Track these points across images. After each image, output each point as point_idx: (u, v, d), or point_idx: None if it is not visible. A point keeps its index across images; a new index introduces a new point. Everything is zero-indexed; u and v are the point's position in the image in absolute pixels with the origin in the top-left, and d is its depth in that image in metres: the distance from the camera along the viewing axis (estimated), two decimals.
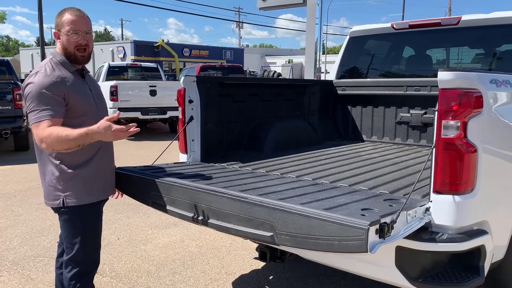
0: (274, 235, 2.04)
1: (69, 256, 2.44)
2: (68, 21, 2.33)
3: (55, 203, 2.39)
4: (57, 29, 2.37)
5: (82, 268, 2.45)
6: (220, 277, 3.67)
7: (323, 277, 3.63)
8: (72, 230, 2.42)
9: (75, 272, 2.44)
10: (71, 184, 2.37)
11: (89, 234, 2.46)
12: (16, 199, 5.97)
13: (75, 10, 2.37)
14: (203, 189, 2.36)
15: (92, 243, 2.49)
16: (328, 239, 1.86)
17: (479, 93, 2.15)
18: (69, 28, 2.33)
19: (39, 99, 2.24)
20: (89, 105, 2.42)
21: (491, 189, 2.29)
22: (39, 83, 2.25)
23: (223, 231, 2.33)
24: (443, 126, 2.13)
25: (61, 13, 2.36)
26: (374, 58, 4.89)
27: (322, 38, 30.20)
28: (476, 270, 2.21)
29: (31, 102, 2.25)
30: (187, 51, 42.08)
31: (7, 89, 8.70)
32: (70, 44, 2.35)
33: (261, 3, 12.53)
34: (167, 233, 4.68)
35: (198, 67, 15.61)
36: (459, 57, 4.79)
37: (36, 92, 2.24)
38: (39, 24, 14.39)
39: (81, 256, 2.44)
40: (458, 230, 2.17)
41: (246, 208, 2.15)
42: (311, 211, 1.94)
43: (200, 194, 2.35)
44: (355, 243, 1.78)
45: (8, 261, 3.96)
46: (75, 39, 2.34)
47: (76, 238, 2.41)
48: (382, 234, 1.85)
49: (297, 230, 1.96)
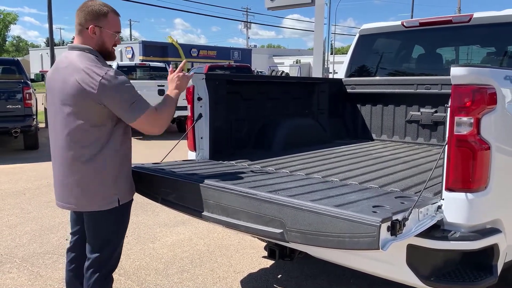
0: (284, 232, 2.02)
1: (98, 255, 2.37)
2: (114, 21, 2.34)
3: (110, 205, 2.32)
4: (96, 24, 2.27)
5: (107, 269, 2.41)
6: (228, 275, 3.66)
7: (332, 276, 3.60)
8: (110, 230, 2.38)
9: (100, 275, 2.37)
10: (120, 182, 2.34)
11: (122, 232, 2.47)
12: (25, 197, 6.01)
13: (114, 10, 2.36)
14: (212, 186, 2.35)
15: (121, 242, 2.49)
16: (339, 236, 1.84)
17: (493, 89, 2.12)
18: (115, 29, 2.34)
19: (131, 89, 2.23)
20: None
21: (505, 187, 2.25)
22: (120, 74, 2.22)
23: (232, 227, 2.32)
24: (456, 123, 2.10)
25: (102, 10, 2.28)
26: (384, 56, 4.85)
27: (330, 38, 30.12)
28: (489, 269, 2.18)
29: (126, 94, 2.21)
30: (195, 51, 42.19)
31: (17, 88, 8.76)
32: (110, 42, 2.35)
33: (269, 3, 12.49)
34: (175, 231, 4.68)
35: (206, 67, 15.62)
36: (469, 56, 4.74)
37: (122, 83, 2.20)
38: (49, 25, 14.48)
39: (108, 256, 2.40)
40: (470, 228, 2.14)
41: (256, 205, 2.14)
42: (321, 207, 1.92)
43: (209, 190, 2.34)
44: (367, 240, 1.76)
45: (18, 258, 3.98)
46: (116, 39, 2.37)
47: (106, 238, 2.38)
48: (394, 232, 1.83)
49: (307, 227, 1.94)
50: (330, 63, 34.93)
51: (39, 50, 61.49)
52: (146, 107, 2.25)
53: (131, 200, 2.48)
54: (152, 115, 2.26)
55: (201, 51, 42.97)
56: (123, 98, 2.19)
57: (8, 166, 7.94)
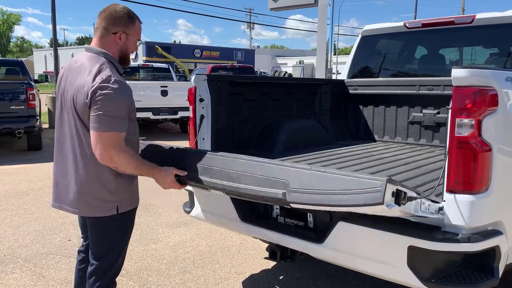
0: (286, 193, 1.98)
1: (101, 262, 2.34)
2: (139, 29, 2.35)
3: (108, 212, 2.26)
4: (123, 31, 2.26)
5: (109, 275, 2.37)
6: (230, 276, 3.67)
7: (333, 277, 3.60)
8: (112, 237, 2.34)
9: (102, 283, 2.33)
10: (123, 190, 2.29)
11: (125, 240, 2.42)
12: (28, 197, 6.03)
13: (138, 17, 2.35)
14: (216, 154, 2.36)
15: (124, 250, 2.45)
16: (343, 193, 1.84)
17: (494, 91, 2.12)
18: (138, 36, 2.34)
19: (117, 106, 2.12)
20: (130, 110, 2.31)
21: (506, 189, 2.24)
22: (116, 88, 2.10)
23: (235, 194, 2.25)
24: (457, 124, 2.10)
25: (131, 18, 2.28)
26: (386, 57, 4.84)
27: (333, 39, 30.10)
28: (490, 271, 2.17)
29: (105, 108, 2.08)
30: (198, 52, 42.30)
31: (20, 89, 8.79)
32: (133, 48, 2.34)
33: (272, 3, 12.51)
34: (177, 232, 4.69)
35: (209, 67, 15.65)
36: (473, 56, 4.73)
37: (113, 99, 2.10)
38: (53, 26, 14.52)
39: (111, 264, 2.37)
40: (472, 230, 2.13)
41: (259, 169, 2.13)
42: (328, 170, 1.96)
43: (214, 158, 2.33)
44: (372, 195, 1.77)
45: (21, 259, 4.00)
46: (136, 46, 2.37)
47: (113, 243, 2.35)
48: (398, 200, 1.85)
49: (311, 186, 1.93)
50: (333, 63, 34.90)
51: (43, 51, 61.79)
52: (115, 129, 2.09)
53: (133, 209, 2.41)
54: (113, 141, 2.09)
55: (204, 51, 43.06)
56: (103, 107, 2.08)
57: (11, 166, 7.97)
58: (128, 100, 2.20)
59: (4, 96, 8.68)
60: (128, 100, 2.20)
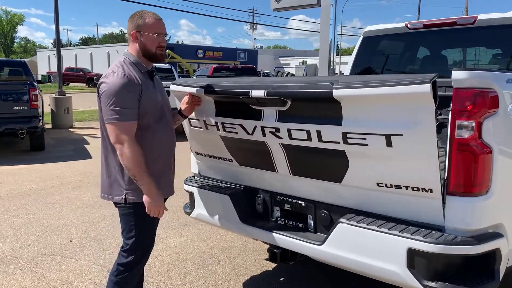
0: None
1: (124, 248, 2.52)
2: (153, 24, 2.43)
3: (118, 198, 2.46)
4: (136, 30, 2.43)
5: (134, 260, 2.51)
6: (231, 277, 3.66)
7: (334, 279, 3.59)
8: (129, 225, 2.49)
9: (126, 262, 2.50)
10: (133, 181, 2.40)
11: (145, 230, 2.52)
12: (31, 198, 6.05)
13: (154, 14, 2.47)
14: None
15: (147, 239, 2.56)
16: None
17: (495, 92, 2.10)
18: (154, 31, 2.43)
19: (119, 98, 2.28)
20: (156, 106, 2.48)
21: (507, 191, 2.23)
22: (117, 82, 2.29)
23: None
24: (457, 127, 2.08)
25: (142, 16, 2.43)
26: (388, 58, 4.83)
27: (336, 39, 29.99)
28: (491, 274, 2.16)
29: (110, 100, 2.28)
30: (201, 52, 42.37)
31: (23, 89, 8.81)
32: (153, 44, 2.44)
33: (275, 4, 12.48)
34: (178, 233, 4.69)
35: (211, 68, 15.66)
36: (476, 57, 4.71)
37: (115, 91, 2.28)
38: (55, 26, 14.54)
39: (134, 249, 2.50)
40: (472, 232, 2.12)
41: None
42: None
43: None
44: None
45: (22, 259, 4.00)
46: (158, 40, 2.44)
47: (132, 232, 2.49)
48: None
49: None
50: (336, 64, 34.85)
51: (47, 51, 61.99)
52: (116, 119, 2.29)
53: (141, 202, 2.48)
54: (117, 129, 2.29)
55: (207, 52, 43.14)
56: (107, 103, 2.29)
57: (14, 167, 7.99)
58: (131, 91, 2.32)
59: (7, 96, 8.70)
60: (131, 92, 2.32)
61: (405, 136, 2.05)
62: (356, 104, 2.15)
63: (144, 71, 2.47)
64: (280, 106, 2.41)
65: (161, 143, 2.51)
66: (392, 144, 2.10)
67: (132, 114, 2.32)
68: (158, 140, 2.49)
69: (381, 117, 2.10)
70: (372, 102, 2.09)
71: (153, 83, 2.54)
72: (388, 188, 2.27)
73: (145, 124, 2.40)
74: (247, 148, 2.80)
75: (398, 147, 2.10)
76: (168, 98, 2.66)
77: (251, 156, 2.87)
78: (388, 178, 2.25)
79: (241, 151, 2.90)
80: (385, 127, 2.10)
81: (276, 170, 2.74)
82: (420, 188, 2.15)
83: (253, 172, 2.96)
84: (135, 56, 2.47)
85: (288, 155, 2.60)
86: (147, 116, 2.41)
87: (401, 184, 2.21)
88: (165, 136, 2.54)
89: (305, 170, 2.61)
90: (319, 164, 2.50)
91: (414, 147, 2.06)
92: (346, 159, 2.34)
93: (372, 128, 2.14)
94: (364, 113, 2.15)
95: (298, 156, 2.56)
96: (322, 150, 2.38)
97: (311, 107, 2.33)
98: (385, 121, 2.10)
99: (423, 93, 1.90)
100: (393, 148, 2.11)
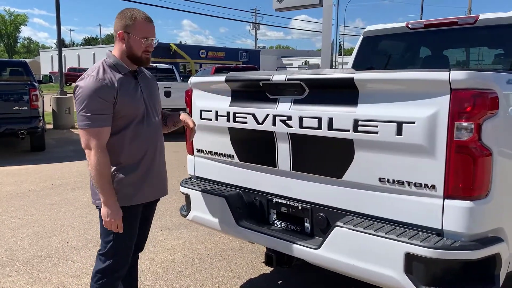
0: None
1: (102, 252, 2.47)
2: (142, 27, 2.33)
3: (98, 202, 2.39)
4: (124, 30, 2.33)
5: (112, 264, 2.45)
6: (228, 280, 3.62)
7: (331, 283, 3.54)
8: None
9: (104, 267, 2.45)
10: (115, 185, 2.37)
11: (123, 235, 2.44)
12: (29, 199, 6.02)
13: (145, 15, 2.36)
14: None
15: (125, 244, 2.48)
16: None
17: (495, 93, 2.05)
18: (143, 35, 2.33)
19: (90, 103, 2.23)
20: (136, 108, 2.39)
21: (507, 194, 2.18)
22: (90, 86, 2.23)
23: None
24: (455, 128, 2.03)
25: (131, 17, 2.32)
26: (389, 59, 4.78)
27: (338, 39, 29.93)
28: (491, 279, 2.11)
29: (81, 105, 2.24)
30: (204, 52, 42.34)
31: (24, 90, 8.80)
32: (139, 48, 2.35)
33: (277, 4, 12.42)
34: (176, 235, 4.65)
35: (213, 68, 15.62)
36: (480, 57, 4.65)
37: (87, 96, 2.23)
38: (57, 27, 14.54)
39: (112, 253, 2.45)
40: (471, 237, 2.07)
41: None
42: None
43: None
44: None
45: (18, 261, 3.97)
46: (146, 45, 2.35)
47: (109, 236, 2.43)
48: None
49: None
50: (339, 64, 34.78)
51: (50, 51, 62.13)
52: (86, 126, 2.25)
53: (132, 206, 2.43)
54: (86, 135, 2.26)
55: (209, 52, 43.11)
56: (79, 108, 2.26)
57: (14, 167, 7.98)
58: (102, 96, 2.25)
59: (7, 97, 8.69)
60: (103, 97, 2.25)
61: (417, 124, 2.07)
62: (373, 90, 2.24)
63: (125, 72, 2.38)
64: (297, 95, 2.53)
65: (142, 144, 2.42)
66: (403, 132, 2.12)
67: (103, 120, 2.26)
68: (139, 142, 2.41)
69: (396, 104, 2.17)
70: (390, 87, 2.18)
71: (137, 82, 2.44)
72: (389, 185, 2.22)
73: (122, 126, 2.34)
74: (252, 139, 2.83)
75: (407, 136, 2.11)
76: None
77: (254, 150, 2.85)
78: (391, 172, 2.21)
79: (245, 144, 2.90)
80: (398, 114, 2.15)
81: (277, 165, 2.69)
82: (423, 184, 2.11)
83: (251, 173, 2.91)
84: (116, 58, 2.38)
85: (293, 146, 2.58)
86: (125, 118, 2.34)
87: (404, 180, 2.17)
88: (147, 138, 2.44)
89: (306, 164, 2.56)
90: (322, 156, 2.48)
91: (423, 137, 2.07)
92: (352, 150, 2.33)
93: (385, 115, 2.19)
94: (379, 99, 2.23)
95: (302, 147, 2.55)
96: (329, 140, 2.39)
97: (328, 93, 2.44)
98: (399, 108, 2.16)
99: (443, 80, 1.99)
100: (402, 137, 2.13)
